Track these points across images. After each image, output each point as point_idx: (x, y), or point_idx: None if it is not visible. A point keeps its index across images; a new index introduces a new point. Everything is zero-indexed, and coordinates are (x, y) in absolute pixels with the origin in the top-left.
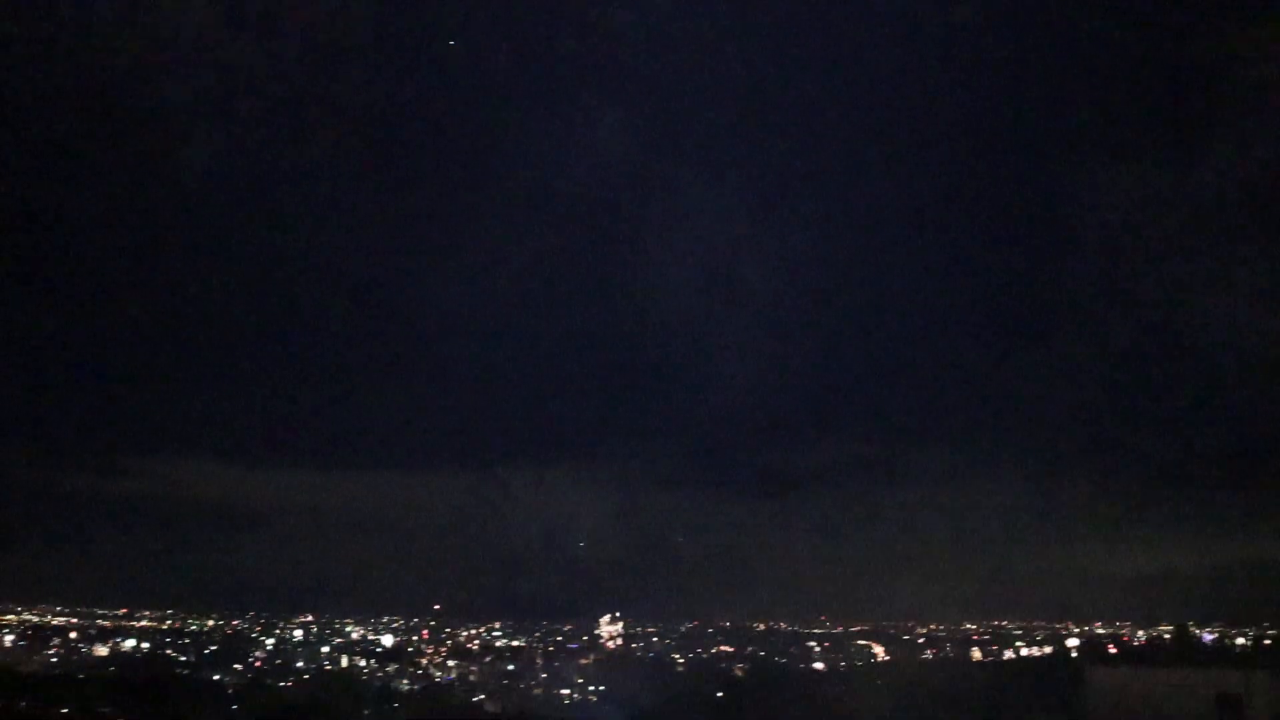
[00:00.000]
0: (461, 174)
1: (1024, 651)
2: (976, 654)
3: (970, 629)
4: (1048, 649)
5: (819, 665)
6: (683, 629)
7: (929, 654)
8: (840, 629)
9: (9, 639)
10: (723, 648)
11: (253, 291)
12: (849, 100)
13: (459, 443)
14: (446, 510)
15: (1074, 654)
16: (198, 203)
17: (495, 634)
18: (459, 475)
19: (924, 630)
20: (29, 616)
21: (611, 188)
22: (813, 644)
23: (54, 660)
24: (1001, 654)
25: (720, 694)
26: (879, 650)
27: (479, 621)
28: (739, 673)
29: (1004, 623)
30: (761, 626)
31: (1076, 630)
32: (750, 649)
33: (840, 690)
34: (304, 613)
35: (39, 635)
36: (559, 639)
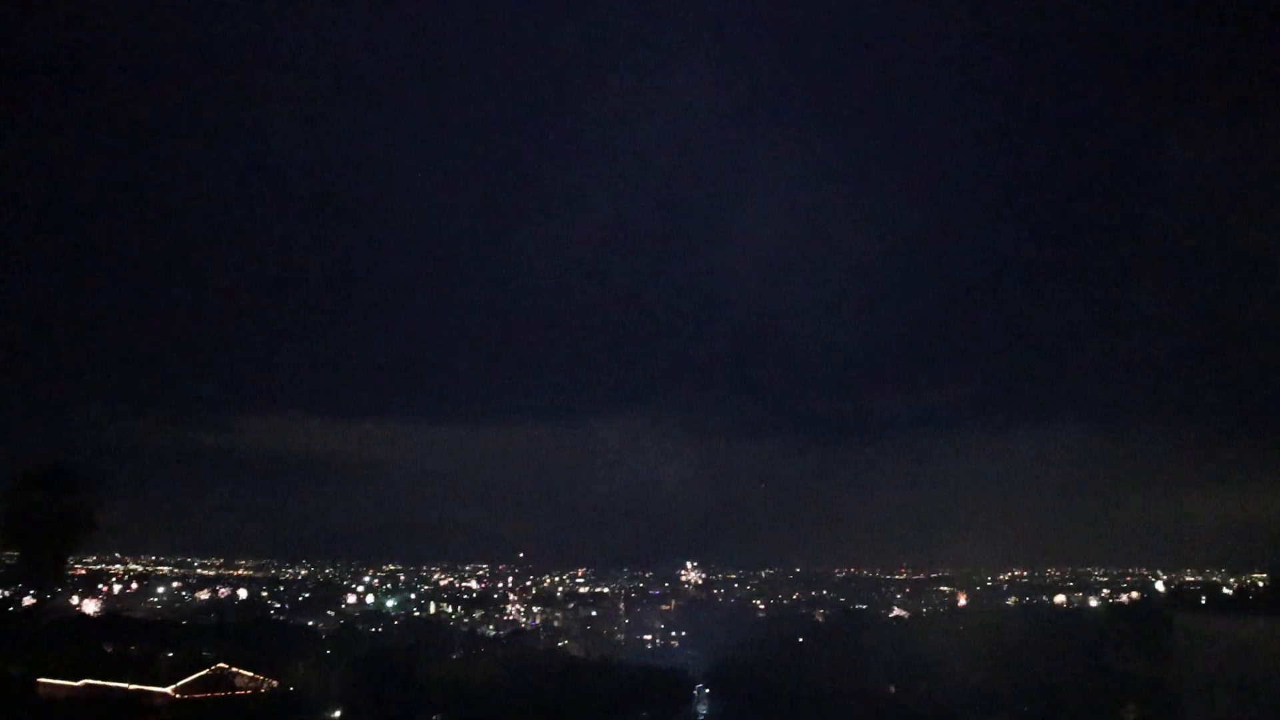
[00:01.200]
0: (549, 131)
1: (1110, 598)
2: (1061, 600)
3: (1054, 575)
4: (1134, 595)
5: (900, 611)
6: (763, 575)
7: (1011, 600)
8: (921, 575)
9: (117, 587)
10: (803, 594)
11: (345, 254)
12: (939, 56)
13: (544, 395)
14: (532, 461)
15: (1162, 601)
16: (295, 172)
17: (579, 581)
18: (544, 427)
19: (1006, 577)
20: (135, 566)
21: (699, 145)
22: (893, 590)
23: (159, 607)
24: (1087, 601)
25: (801, 639)
26: (960, 596)
27: (563, 569)
28: (819, 618)
29: (1089, 569)
30: (841, 573)
31: (1165, 577)
32: (830, 595)
33: (921, 636)
34: (392, 560)
35: (146, 584)
36: (641, 585)
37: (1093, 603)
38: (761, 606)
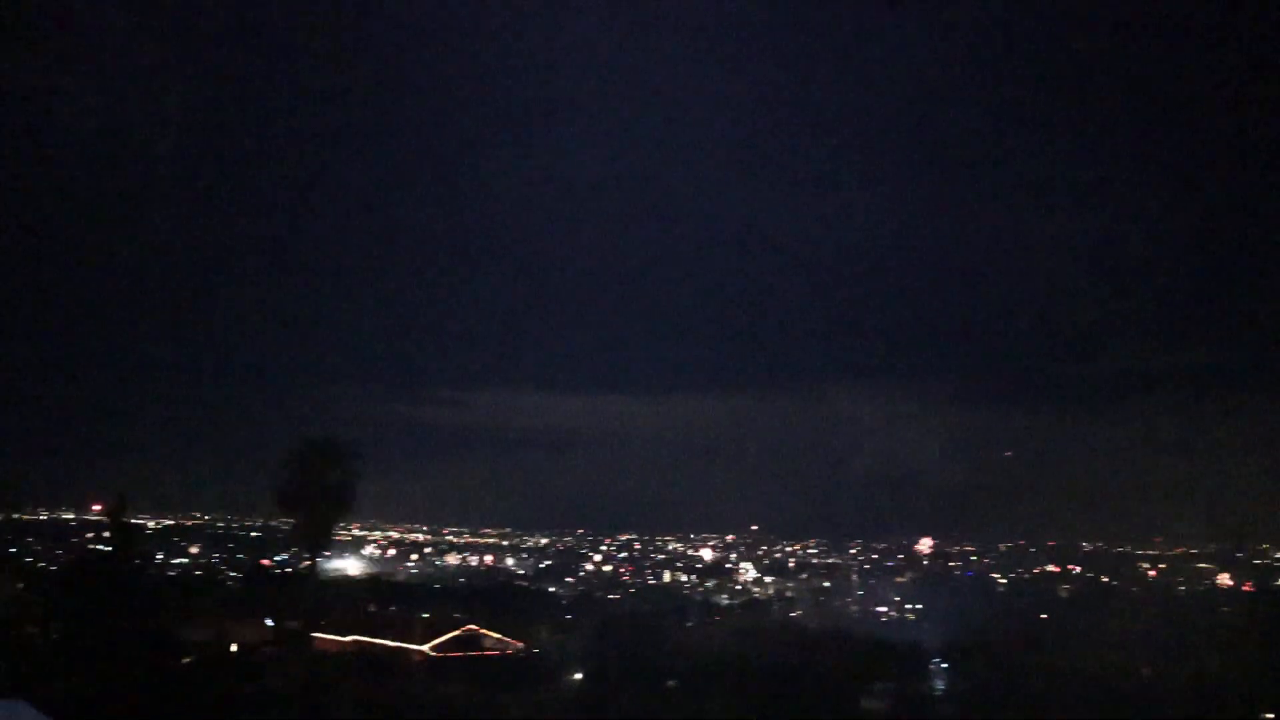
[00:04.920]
0: (793, 100)
1: None
2: None
3: None
4: None
5: (1153, 588)
6: (1003, 548)
7: None
8: (1178, 551)
9: (377, 553)
10: (1046, 568)
11: (571, 231)
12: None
13: (777, 365)
14: (765, 430)
15: None
16: (551, 165)
17: (811, 551)
18: (778, 396)
19: None
20: (392, 533)
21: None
22: (1145, 566)
23: (414, 571)
24: None
25: (1044, 615)
26: (1223, 576)
27: (795, 539)
28: (1064, 594)
29: None
30: (1089, 547)
31: None
32: (1076, 570)
33: (1177, 616)
34: (627, 530)
35: (401, 550)
36: (875, 557)
37: None
38: (1001, 580)
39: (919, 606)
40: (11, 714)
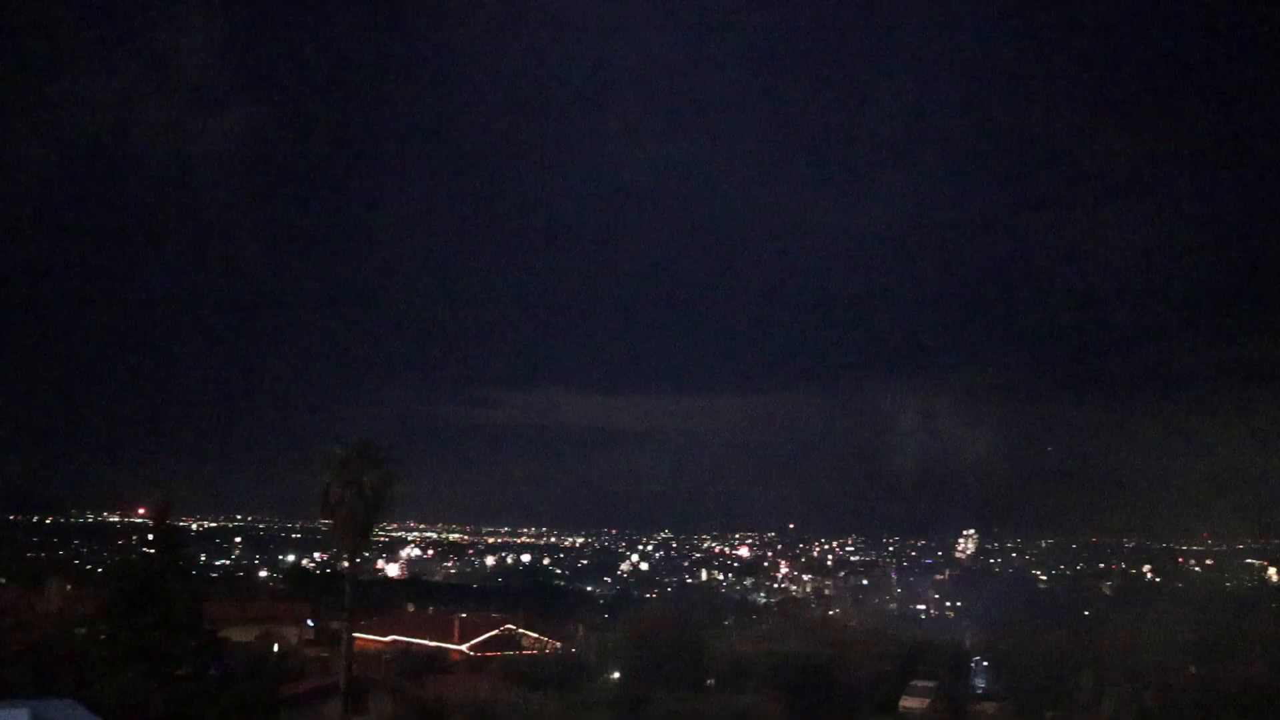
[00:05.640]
0: (830, 97)
1: None
2: None
3: None
4: None
5: (1198, 585)
6: (1043, 544)
7: None
8: (1225, 547)
9: (415, 553)
10: (1088, 564)
11: (609, 234)
12: None
13: (815, 362)
14: (801, 427)
15: None
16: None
17: (849, 549)
18: (814, 394)
19: None
20: (430, 533)
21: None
22: (1191, 562)
23: (452, 571)
24: None
25: (1086, 612)
26: (1273, 571)
27: (832, 536)
28: (1107, 590)
29: None
30: (1131, 543)
31: None
32: (1119, 566)
33: (1225, 612)
34: (663, 529)
35: (440, 550)
36: (914, 554)
37: None
38: (1043, 577)
39: (958, 604)
40: (61, 713)
